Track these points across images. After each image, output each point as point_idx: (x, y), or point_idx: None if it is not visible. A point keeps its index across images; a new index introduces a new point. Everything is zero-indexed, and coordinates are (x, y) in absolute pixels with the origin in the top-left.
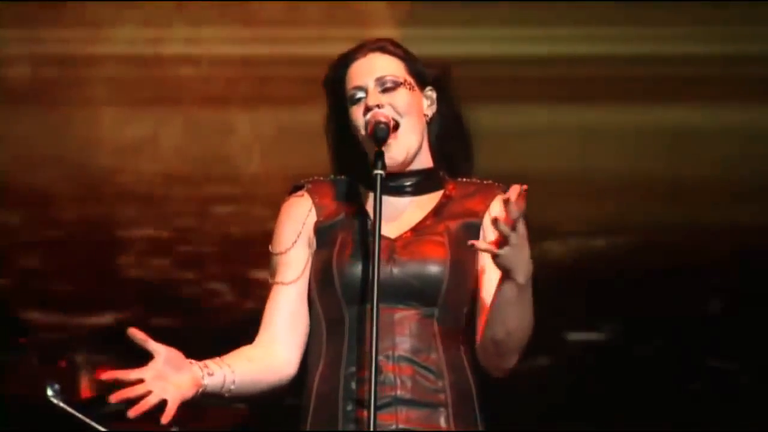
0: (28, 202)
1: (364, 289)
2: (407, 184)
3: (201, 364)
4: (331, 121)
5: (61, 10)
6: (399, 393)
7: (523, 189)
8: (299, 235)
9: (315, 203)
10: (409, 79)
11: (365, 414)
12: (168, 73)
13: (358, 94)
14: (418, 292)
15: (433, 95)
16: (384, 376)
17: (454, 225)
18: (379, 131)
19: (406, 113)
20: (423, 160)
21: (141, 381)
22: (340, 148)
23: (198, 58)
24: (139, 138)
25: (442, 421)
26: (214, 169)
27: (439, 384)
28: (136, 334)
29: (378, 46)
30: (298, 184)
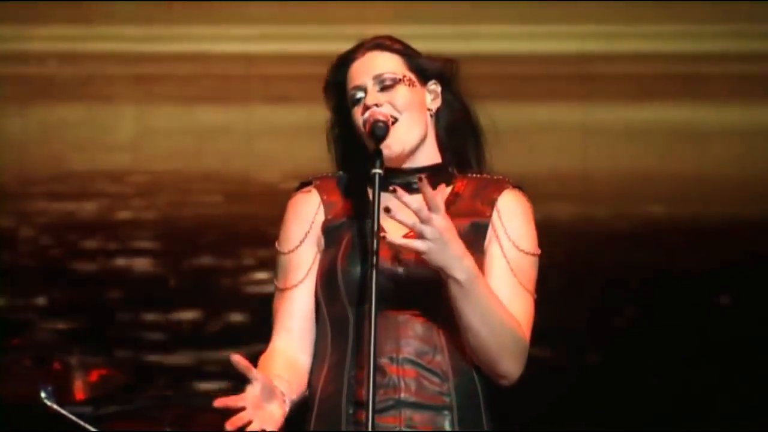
0: None
1: (366, 289)
2: (413, 180)
3: (280, 392)
4: (335, 124)
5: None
6: (403, 396)
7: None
8: (307, 234)
9: (323, 200)
10: (409, 75)
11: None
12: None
13: (358, 94)
14: (423, 294)
15: (437, 89)
16: (388, 378)
17: (461, 224)
18: (378, 130)
19: (405, 110)
20: (429, 155)
21: (243, 408)
22: (345, 149)
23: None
24: None
25: (447, 424)
26: None
27: (444, 387)
28: (240, 362)
29: (375, 44)
30: (305, 180)
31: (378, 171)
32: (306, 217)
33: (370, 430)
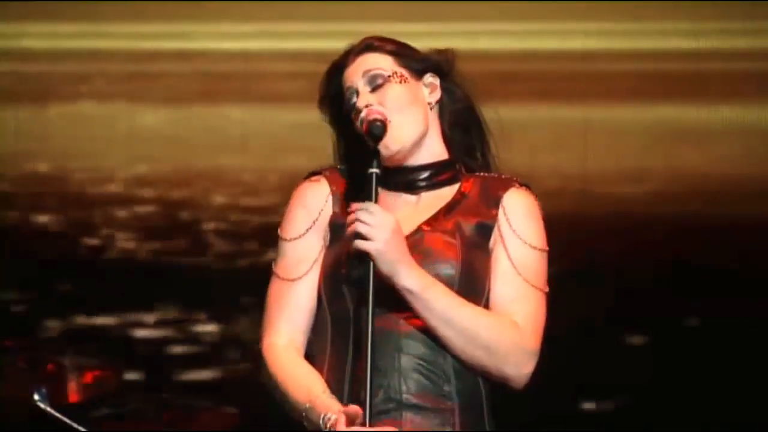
0: None
1: (372, 290)
2: (419, 177)
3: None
4: (339, 136)
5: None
6: (404, 398)
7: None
8: (314, 223)
9: (332, 191)
10: (400, 71)
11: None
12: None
13: (353, 98)
14: None
15: (434, 81)
16: (389, 380)
17: (467, 225)
18: (375, 129)
19: (397, 108)
20: (434, 151)
21: None
22: (349, 151)
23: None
24: None
25: (449, 427)
26: None
27: (447, 389)
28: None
29: (364, 46)
30: (314, 170)
31: (375, 170)
32: (313, 207)
33: (367, 429)
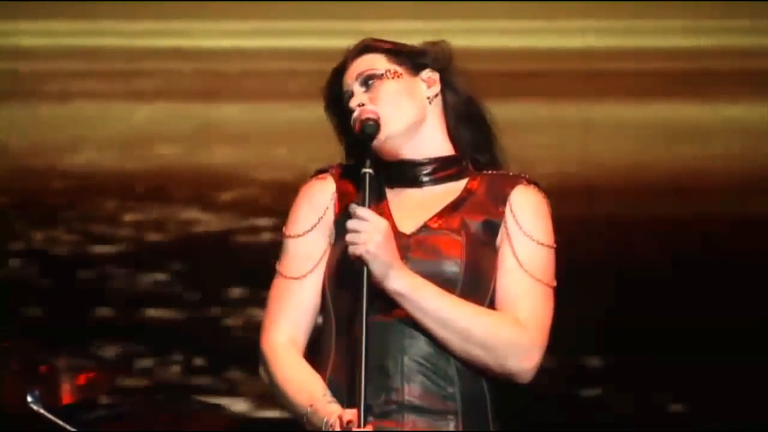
0: None
1: (375, 292)
2: (423, 173)
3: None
4: (342, 129)
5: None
6: (407, 399)
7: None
8: (320, 220)
9: (338, 189)
10: (393, 68)
11: (372, 419)
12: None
13: (349, 101)
14: None
15: (433, 76)
16: (392, 381)
17: (473, 222)
18: (368, 128)
19: (389, 101)
20: (436, 145)
21: None
22: (354, 154)
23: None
24: None
25: (452, 428)
26: None
27: (450, 391)
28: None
29: (359, 49)
30: (321, 168)
31: (368, 171)
32: (319, 205)
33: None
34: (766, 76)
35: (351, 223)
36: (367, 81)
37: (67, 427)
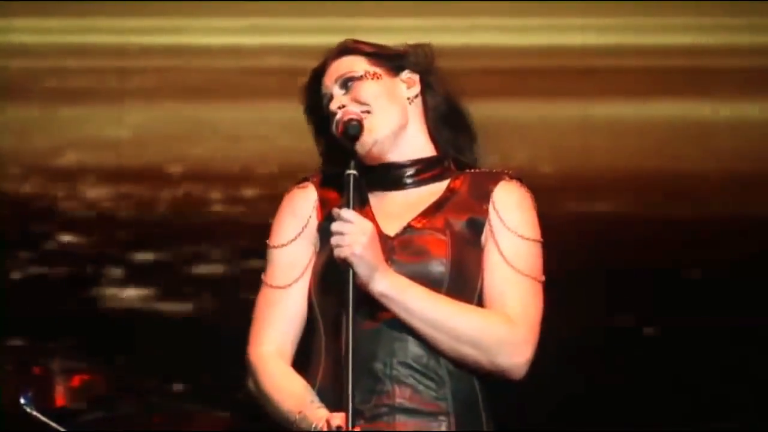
0: None
1: (362, 295)
2: (405, 174)
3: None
4: (321, 134)
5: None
6: (397, 402)
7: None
8: (303, 228)
9: (320, 196)
10: (372, 69)
11: (362, 422)
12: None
13: (329, 104)
14: None
15: (413, 77)
16: (381, 384)
17: (457, 221)
18: (351, 129)
19: (370, 102)
20: (418, 147)
21: None
22: (334, 159)
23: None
24: None
25: (444, 429)
26: None
27: (440, 392)
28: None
29: (338, 51)
30: (303, 177)
31: (352, 172)
32: (302, 214)
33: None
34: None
35: (335, 226)
36: (347, 83)
37: (62, 429)
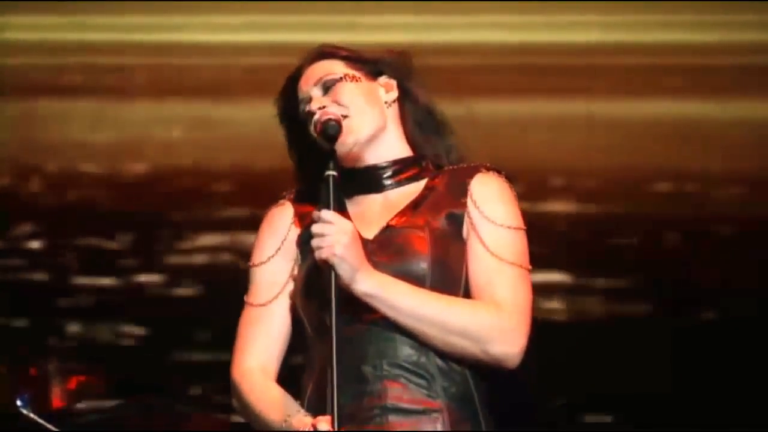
0: None
1: (347, 298)
2: (383, 175)
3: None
4: (295, 142)
5: None
6: (389, 402)
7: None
8: (278, 250)
9: (297, 212)
10: (352, 72)
11: (352, 425)
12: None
13: (306, 106)
14: None
15: (390, 82)
16: (371, 386)
17: (436, 217)
18: (330, 129)
19: (351, 103)
20: (395, 149)
21: None
22: (309, 166)
23: None
24: None
25: (439, 427)
26: None
27: (432, 388)
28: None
29: (315, 55)
30: (279, 196)
31: (332, 173)
32: (279, 231)
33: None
34: None
35: (316, 227)
36: (326, 85)
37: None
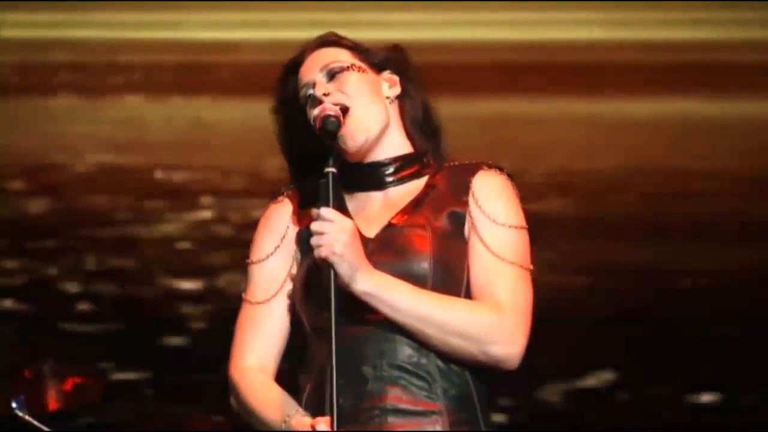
0: None
1: (347, 297)
2: (384, 173)
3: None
4: (292, 131)
5: None
6: (389, 404)
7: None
8: (277, 248)
9: (296, 210)
10: (359, 63)
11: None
12: None
13: (308, 90)
14: None
15: (393, 77)
16: (372, 387)
17: (438, 216)
18: (329, 125)
19: (357, 94)
20: (397, 146)
21: None
22: (308, 160)
23: None
24: None
25: (438, 428)
26: None
27: (432, 390)
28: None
29: (320, 42)
30: (276, 192)
31: (331, 170)
32: (278, 229)
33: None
34: None
35: (315, 225)
36: (332, 72)
37: None
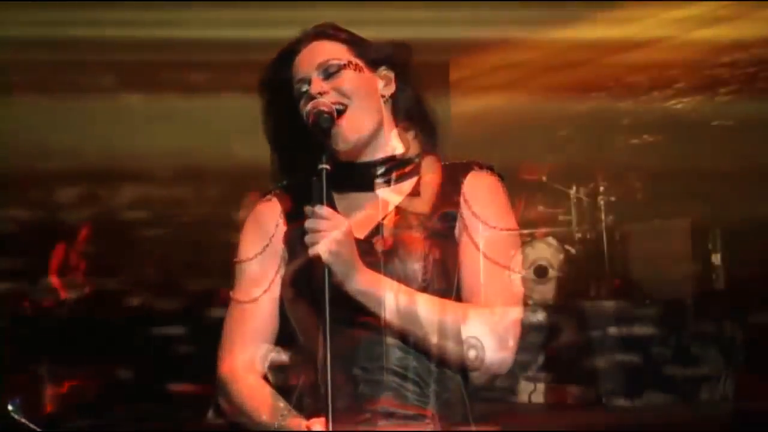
0: None
1: (339, 298)
2: (376, 173)
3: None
4: (278, 125)
5: None
6: (380, 406)
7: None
8: (270, 239)
9: (284, 209)
10: (355, 61)
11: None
12: None
13: (303, 87)
14: None
15: (389, 74)
16: (363, 389)
17: (430, 216)
18: (323, 121)
19: (353, 95)
20: (389, 145)
21: None
22: (294, 151)
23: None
24: None
25: (429, 430)
26: None
27: (423, 393)
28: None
29: (317, 32)
30: (265, 192)
31: (325, 167)
32: (266, 227)
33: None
34: None
35: (310, 223)
36: (328, 70)
37: None
